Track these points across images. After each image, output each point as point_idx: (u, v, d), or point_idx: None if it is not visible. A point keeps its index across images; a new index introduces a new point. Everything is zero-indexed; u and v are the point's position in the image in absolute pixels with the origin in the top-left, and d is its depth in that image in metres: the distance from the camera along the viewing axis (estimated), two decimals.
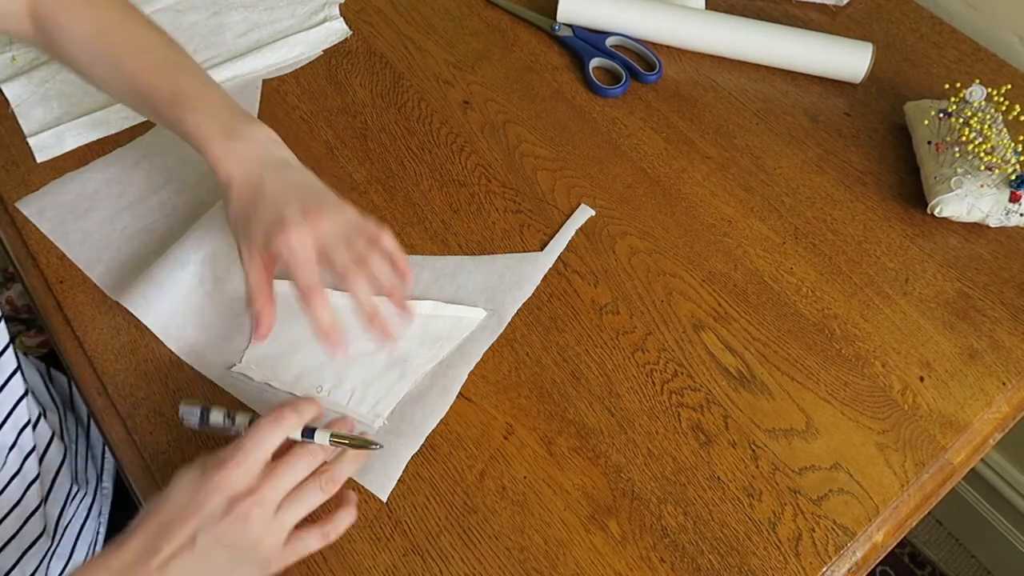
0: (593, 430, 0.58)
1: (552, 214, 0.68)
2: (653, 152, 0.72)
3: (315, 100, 0.75)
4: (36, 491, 0.62)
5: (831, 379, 0.60)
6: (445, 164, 0.71)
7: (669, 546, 0.53)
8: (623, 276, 0.65)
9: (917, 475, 0.56)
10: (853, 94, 0.76)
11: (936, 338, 0.62)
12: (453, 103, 0.75)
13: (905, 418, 0.58)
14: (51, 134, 0.71)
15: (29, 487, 0.61)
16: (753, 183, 0.70)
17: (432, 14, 0.82)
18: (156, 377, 0.60)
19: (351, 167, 0.71)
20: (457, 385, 0.59)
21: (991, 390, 0.60)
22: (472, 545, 0.54)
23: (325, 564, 0.53)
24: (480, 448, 0.57)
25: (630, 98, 0.75)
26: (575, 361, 0.60)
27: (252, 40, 0.79)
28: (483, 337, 0.61)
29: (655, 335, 0.62)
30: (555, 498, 0.55)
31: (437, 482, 0.56)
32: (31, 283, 0.65)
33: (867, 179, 0.70)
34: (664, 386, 0.59)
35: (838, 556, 0.53)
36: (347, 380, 0.59)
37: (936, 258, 0.66)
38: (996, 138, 0.65)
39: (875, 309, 0.63)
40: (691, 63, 0.78)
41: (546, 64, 0.78)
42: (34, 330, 0.87)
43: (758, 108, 0.75)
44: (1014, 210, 0.64)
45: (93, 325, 0.62)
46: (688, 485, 0.56)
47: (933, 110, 0.69)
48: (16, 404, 0.59)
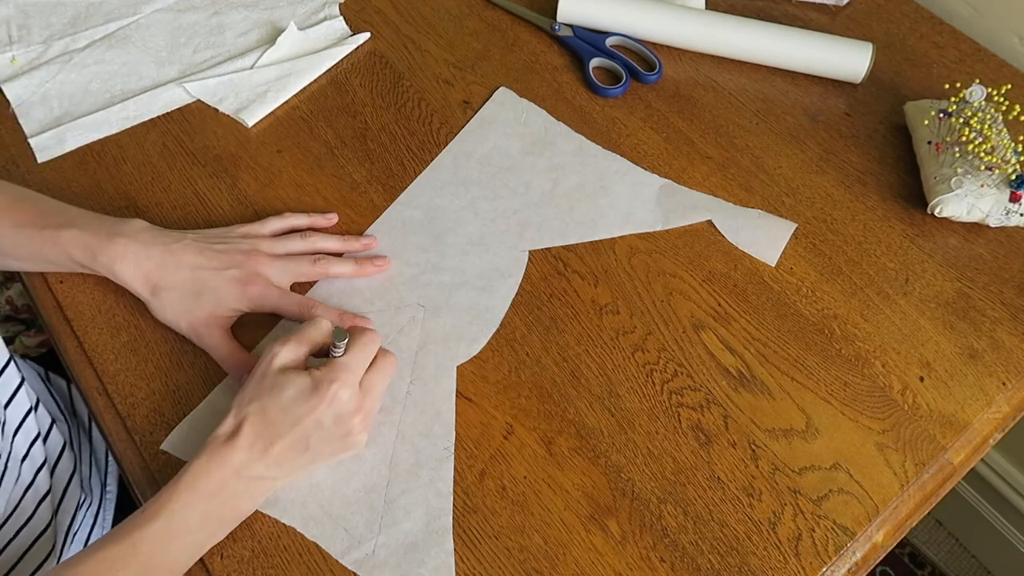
0: (593, 430, 0.58)
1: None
2: (653, 152, 0.71)
3: (315, 100, 0.75)
4: (48, 506, 0.62)
5: (831, 379, 0.60)
6: None
7: (669, 546, 0.53)
8: (623, 276, 0.65)
9: (917, 475, 0.56)
10: (853, 94, 0.76)
11: (936, 338, 0.62)
12: (453, 103, 0.75)
13: (905, 418, 0.58)
14: (52, 134, 0.71)
15: (41, 502, 0.61)
16: (753, 183, 0.70)
17: (432, 14, 0.82)
18: (156, 377, 0.60)
19: (351, 167, 0.71)
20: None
21: (991, 390, 0.60)
22: (472, 545, 0.54)
23: (325, 564, 0.53)
24: (480, 448, 0.57)
25: (630, 98, 0.75)
26: (575, 361, 0.60)
27: (252, 40, 0.79)
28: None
29: (655, 335, 0.62)
30: (555, 498, 0.55)
31: None
32: (31, 283, 0.65)
33: (867, 179, 0.70)
34: (664, 386, 0.59)
35: (838, 556, 0.53)
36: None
37: (936, 258, 0.66)
38: (996, 138, 0.65)
39: (875, 309, 0.63)
40: (691, 63, 0.78)
41: (546, 64, 0.78)
42: (34, 330, 0.87)
43: (758, 108, 0.75)
44: (1014, 210, 0.64)
45: (93, 325, 0.62)
46: (688, 485, 0.56)
47: (933, 110, 0.69)
48: (25, 416, 0.59)
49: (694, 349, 0.61)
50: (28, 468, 0.59)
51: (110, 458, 0.75)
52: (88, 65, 0.76)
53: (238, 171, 0.70)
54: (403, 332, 0.62)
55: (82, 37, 0.78)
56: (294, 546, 0.53)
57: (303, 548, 0.53)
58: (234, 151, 0.71)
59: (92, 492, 0.71)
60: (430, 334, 0.62)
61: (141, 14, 0.80)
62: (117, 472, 0.75)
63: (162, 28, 0.79)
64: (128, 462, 0.57)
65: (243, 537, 0.53)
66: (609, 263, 0.65)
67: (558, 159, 0.70)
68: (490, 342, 0.61)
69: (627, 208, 0.67)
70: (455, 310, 0.63)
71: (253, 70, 0.76)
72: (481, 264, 0.65)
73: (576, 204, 0.68)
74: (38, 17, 0.79)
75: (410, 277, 0.64)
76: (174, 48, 0.78)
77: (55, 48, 0.77)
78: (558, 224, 0.67)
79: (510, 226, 0.67)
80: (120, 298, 0.63)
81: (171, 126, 0.73)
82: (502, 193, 0.69)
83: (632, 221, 0.67)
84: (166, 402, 0.59)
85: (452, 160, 0.71)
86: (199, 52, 0.78)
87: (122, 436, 0.58)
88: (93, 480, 0.72)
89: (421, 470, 0.56)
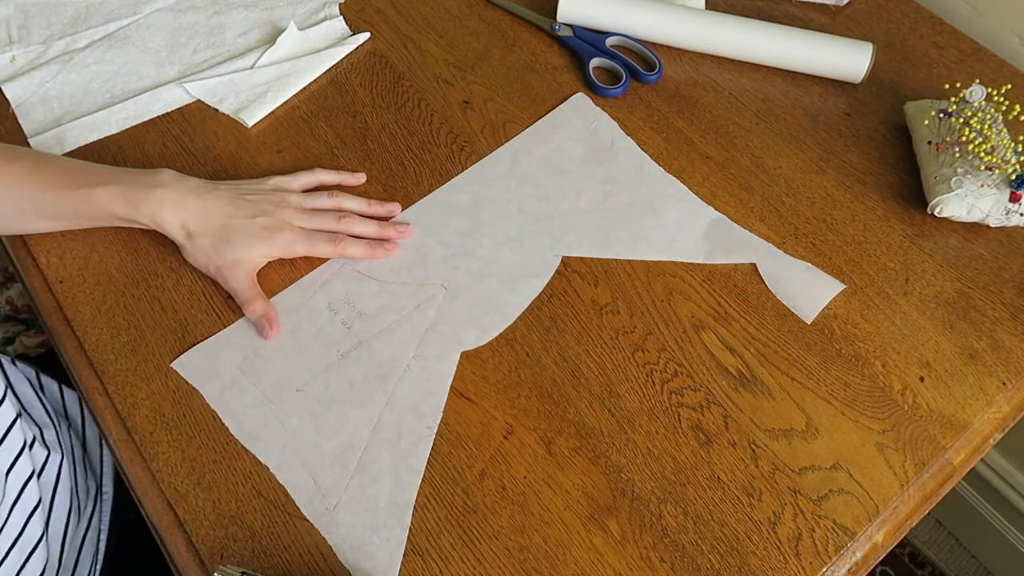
0: (593, 430, 0.58)
1: None
2: (653, 152, 0.71)
3: (315, 100, 0.75)
4: (39, 520, 0.62)
5: (831, 379, 0.60)
6: (445, 164, 0.71)
7: (669, 546, 0.53)
8: (623, 276, 0.65)
9: (917, 475, 0.56)
10: (853, 94, 0.76)
11: (936, 338, 0.62)
12: (453, 103, 0.75)
13: (905, 418, 0.58)
14: (52, 135, 0.71)
15: (31, 516, 0.61)
16: (753, 183, 0.70)
17: (432, 14, 0.82)
18: (156, 377, 0.60)
19: (351, 167, 0.71)
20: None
21: (991, 390, 0.60)
22: (472, 545, 0.54)
23: (325, 564, 0.53)
24: (480, 448, 0.57)
25: (630, 98, 0.75)
26: (575, 361, 0.60)
27: (252, 40, 0.79)
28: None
29: (655, 335, 0.62)
30: (555, 498, 0.55)
31: (437, 482, 0.56)
32: (31, 283, 0.65)
33: (867, 179, 0.70)
34: (664, 386, 0.59)
35: (838, 556, 0.53)
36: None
37: (936, 258, 0.66)
38: (996, 138, 0.65)
39: (875, 309, 0.63)
40: (691, 63, 0.78)
41: (546, 64, 0.78)
42: (34, 330, 0.87)
43: (758, 108, 0.75)
44: (1014, 210, 0.64)
45: (93, 325, 0.62)
46: (688, 485, 0.56)
47: (933, 110, 0.69)
48: (8, 429, 0.59)
49: (694, 349, 0.61)
50: (14, 482, 0.59)
51: (106, 459, 0.75)
52: (88, 65, 0.76)
53: (238, 171, 0.70)
54: (420, 308, 0.63)
55: (82, 37, 0.78)
56: (294, 546, 0.53)
57: (303, 548, 0.53)
58: (234, 151, 0.71)
59: (87, 494, 0.71)
60: (445, 316, 0.62)
61: (141, 14, 0.80)
62: (113, 472, 0.75)
63: (162, 28, 0.79)
64: (128, 462, 0.57)
65: (243, 537, 0.53)
66: (609, 263, 0.65)
67: (616, 172, 0.70)
68: (490, 342, 0.61)
69: (672, 234, 0.67)
70: (475, 298, 0.63)
71: (253, 70, 0.76)
72: (513, 260, 0.65)
73: (623, 220, 0.67)
74: (38, 17, 0.79)
75: (440, 258, 0.65)
76: (174, 48, 0.78)
77: (55, 48, 0.77)
78: (599, 236, 0.66)
79: (551, 229, 0.67)
80: (120, 298, 0.63)
81: (171, 126, 0.73)
82: (552, 195, 0.69)
83: (674, 248, 0.66)
84: (166, 402, 0.59)
85: (512, 155, 0.71)
86: (199, 52, 0.78)
87: (122, 436, 0.58)
88: (89, 481, 0.72)
89: (400, 442, 0.57)
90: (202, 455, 0.56)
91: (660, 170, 0.70)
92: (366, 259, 0.64)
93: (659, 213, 0.68)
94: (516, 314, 0.63)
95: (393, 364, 0.60)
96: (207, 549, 0.53)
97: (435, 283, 0.64)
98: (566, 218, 0.68)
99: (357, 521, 0.54)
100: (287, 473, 0.56)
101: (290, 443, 0.57)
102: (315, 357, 0.61)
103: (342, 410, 0.58)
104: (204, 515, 0.54)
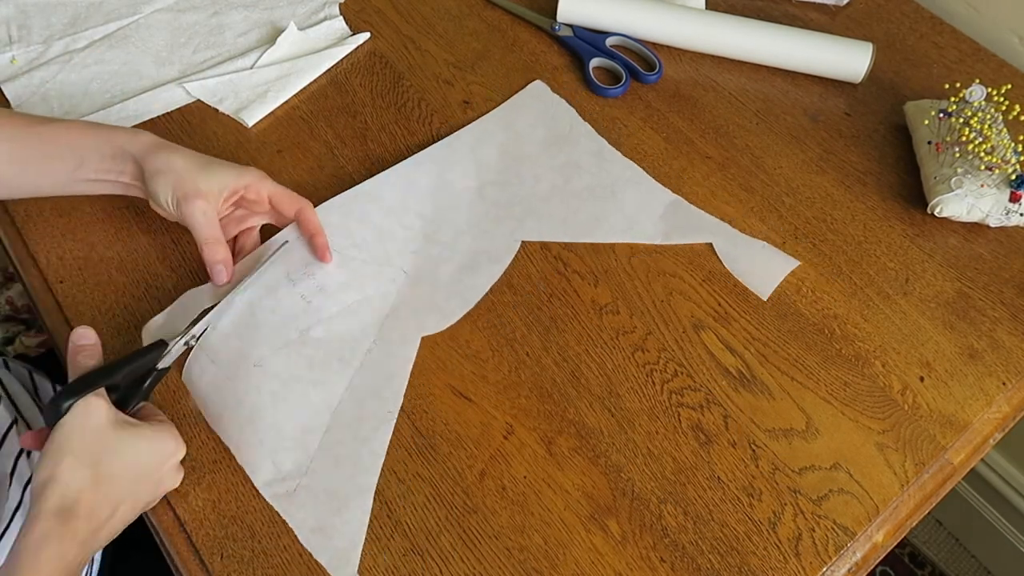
0: (593, 430, 0.58)
1: None
2: (653, 152, 0.71)
3: (315, 100, 0.75)
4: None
5: (831, 379, 0.60)
6: None
7: (669, 546, 0.53)
8: (623, 276, 0.65)
9: (917, 475, 0.56)
10: (853, 94, 0.76)
11: (936, 338, 0.62)
12: (453, 103, 0.75)
13: (905, 418, 0.58)
14: None
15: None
16: (753, 183, 0.70)
17: (432, 14, 0.82)
18: None
19: (351, 167, 0.71)
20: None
21: (991, 390, 0.60)
22: (472, 545, 0.54)
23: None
24: (480, 448, 0.57)
25: (630, 98, 0.75)
26: (575, 361, 0.60)
27: (252, 40, 0.79)
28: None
29: (655, 335, 0.62)
30: (555, 498, 0.55)
31: (437, 482, 0.56)
32: (31, 283, 0.65)
33: (867, 179, 0.70)
34: (664, 386, 0.59)
35: (838, 556, 0.53)
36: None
37: (936, 258, 0.66)
38: (996, 138, 0.65)
39: (875, 309, 0.63)
40: (691, 63, 0.78)
41: (546, 64, 0.78)
42: (34, 330, 0.87)
43: (758, 108, 0.75)
44: (1014, 210, 0.64)
45: (93, 325, 0.62)
46: (688, 485, 0.56)
47: (933, 110, 0.69)
48: (6, 434, 0.59)
49: (694, 349, 0.61)
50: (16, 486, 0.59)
51: None
52: (88, 65, 0.76)
53: None
54: (379, 291, 0.63)
55: (82, 37, 0.78)
56: (294, 546, 0.53)
57: (303, 549, 0.53)
58: (234, 151, 0.71)
59: None
60: (406, 300, 0.62)
61: (141, 14, 0.80)
62: None
63: (162, 28, 0.79)
64: None
65: (243, 537, 0.53)
66: (609, 263, 0.65)
67: (576, 157, 0.70)
68: (490, 342, 0.61)
69: (631, 217, 0.67)
70: (436, 283, 0.63)
71: (253, 70, 0.76)
72: (473, 245, 0.65)
73: (582, 204, 0.68)
74: (38, 17, 0.79)
75: (401, 241, 0.65)
76: (174, 48, 0.78)
77: (55, 48, 0.77)
78: (559, 220, 0.67)
79: (512, 213, 0.67)
80: (120, 298, 0.63)
81: (171, 126, 0.73)
82: (512, 180, 0.69)
83: (633, 231, 0.67)
84: (165, 402, 0.59)
85: (474, 138, 0.71)
86: (199, 52, 0.78)
87: None
88: None
89: (361, 425, 0.57)
90: (202, 455, 0.56)
91: (618, 154, 0.71)
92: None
93: (618, 196, 0.68)
94: (477, 298, 0.63)
95: (354, 347, 0.60)
96: (207, 549, 0.53)
97: (396, 266, 0.64)
98: (526, 203, 0.68)
99: (318, 503, 0.54)
100: (247, 454, 0.56)
101: (248, 425, 0.56)
102: (274, 331, 0.59)
103: (303, 390, 0.58)
104: (204, 515, 0.54)
